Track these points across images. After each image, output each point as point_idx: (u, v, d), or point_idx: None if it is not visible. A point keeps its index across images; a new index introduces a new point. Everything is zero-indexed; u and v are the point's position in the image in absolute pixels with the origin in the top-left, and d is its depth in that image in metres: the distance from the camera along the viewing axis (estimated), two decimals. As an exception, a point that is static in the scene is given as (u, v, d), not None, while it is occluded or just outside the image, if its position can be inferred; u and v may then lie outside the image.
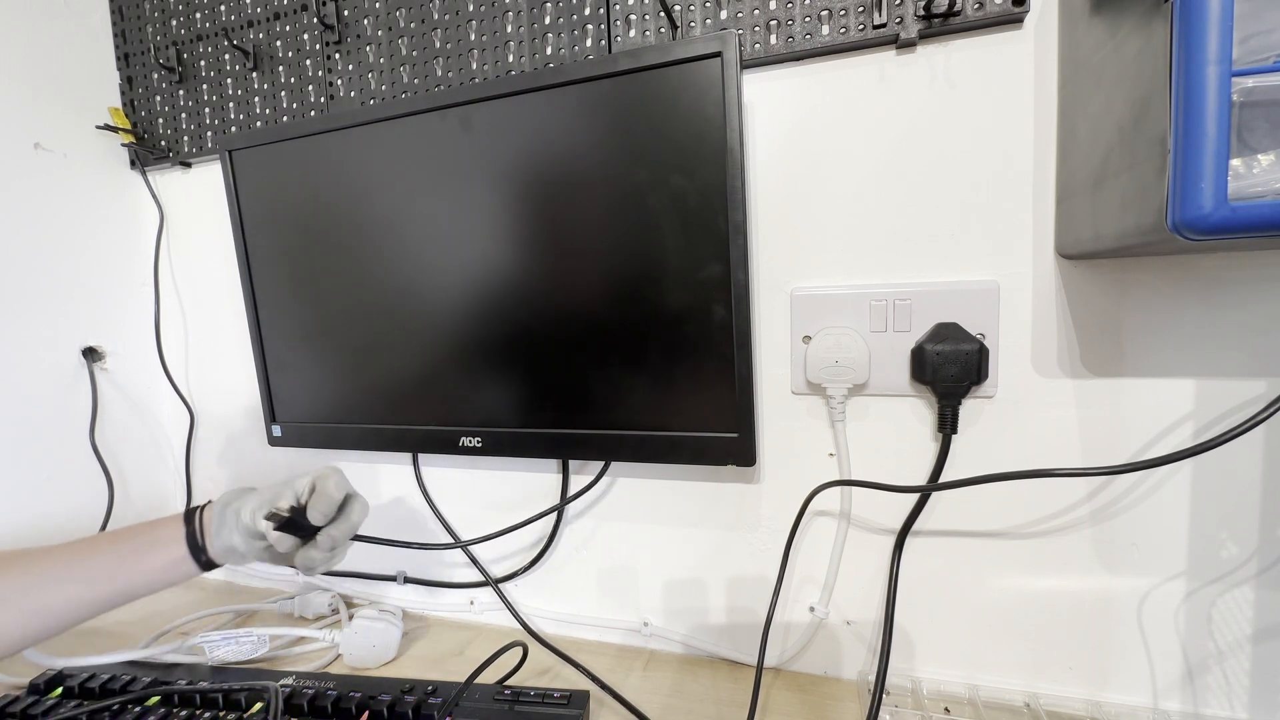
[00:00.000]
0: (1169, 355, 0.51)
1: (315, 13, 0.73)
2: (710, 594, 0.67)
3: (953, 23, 0.52)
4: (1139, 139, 0.38)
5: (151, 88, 0.84)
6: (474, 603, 0.76)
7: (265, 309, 0.72)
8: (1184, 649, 0.53)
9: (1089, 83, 0.46)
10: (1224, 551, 0.51)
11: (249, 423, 0.86)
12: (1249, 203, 0.32)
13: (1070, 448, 0.54)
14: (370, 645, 0.67)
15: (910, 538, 0.59)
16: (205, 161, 0.83)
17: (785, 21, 0.56)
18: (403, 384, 0.67)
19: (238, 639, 0.68)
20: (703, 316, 0.55)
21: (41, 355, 0.77)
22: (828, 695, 0.60)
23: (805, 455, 0.61)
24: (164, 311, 0.88)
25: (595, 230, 0.57)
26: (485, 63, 0.67)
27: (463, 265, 0.62)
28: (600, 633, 0.72)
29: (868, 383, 0.57)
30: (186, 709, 0.56)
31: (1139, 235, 0.39)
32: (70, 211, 0.80)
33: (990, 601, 0.58)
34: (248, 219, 0.71)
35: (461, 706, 0.56)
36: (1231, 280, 0.48)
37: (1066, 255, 0.52)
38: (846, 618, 0.62)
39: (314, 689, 0.58)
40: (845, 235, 0.58)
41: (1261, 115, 0.32)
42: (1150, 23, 0.36)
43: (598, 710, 0.59)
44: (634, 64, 0.53)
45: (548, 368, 0.61)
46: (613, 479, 0.69)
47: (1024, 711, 0.55)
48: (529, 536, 0.74)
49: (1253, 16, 0.32)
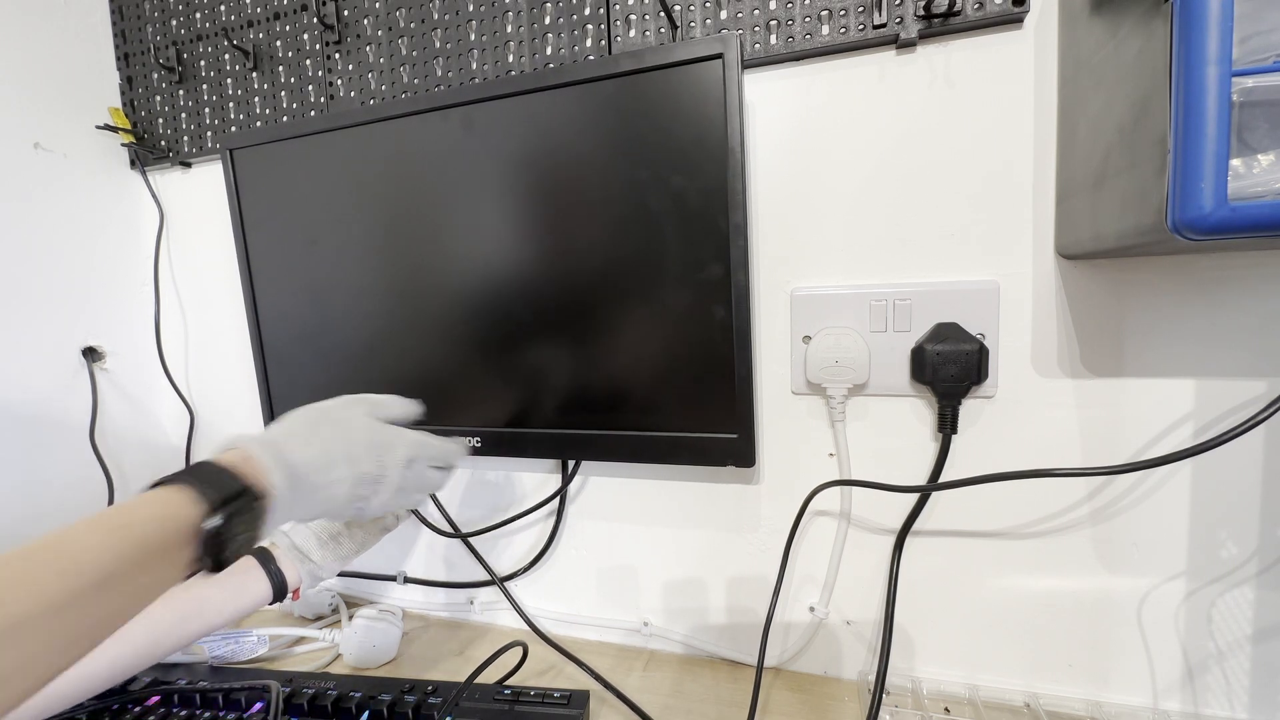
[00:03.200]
0: (1169, 355, 0.51)
1: (315, 13, 0.73)
2: (710, 594, 0.67)
3: (953, 23, 0.52)
4: (1139, 139, 0.38)
5: (151, 88, 0.84)
6: (474, 602, 0.76)
7: (265, 309, 0.72)
8: (1184, 649, 0.53)
9: (1089, 83, 0.46)
10: (1224, 551, 0.51)
11: (249, 423, 0.86)
12: (1249, 203, 0.32)
13: (1070, 448, 0.54)
14: (370, 645, 0.67)
15: (910, 538, 0.59)
16: (205, 161, 0.83)
17: (785, 21, 0.56)
18: (402, 384, 0.67)
19: (238, 639, 0.68)
20: (703, 317, 0.55)
21: (41, 355, 0.77)
22: (828, 695, 0.60)
23: (805, 455, 0.62)
24: (164, 311, 0.88)
25: (595, 231, 0.57)
26: (485, 63, 0.67)
27: (463, 265, 0.62)
28: (600, 633, 0.72)
29: (868, 383, 0.57)
30: (186, 709, 0.56)
31: (1139, 235, 0.39)
32: (70, 211, 0.80)
33: (990, 601, 0.58)
34: (248, 218, 0.71)
35: (461, 706, 0.56)
36: (1231, 280, 0.48)
37: (1066, 255, 0.52)
38: (846, 617, 0.62)
39: (314, 689, 0.58)
40: (845, 235, 0.58)
41: (1261, 115, 0.32)
42: (1150, 23, 0.36)
43: (598, 710, 0.59)
44: (635, 65, 0.53)
45: (547, 368, 0.61)
46: (612, 479, 0.69)
47: (1024, 711, 0.55)
48: (529, 537, 0.74)
49: (1253, 16, 0.32)
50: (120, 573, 0.30)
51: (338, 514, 0.46)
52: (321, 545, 0.57)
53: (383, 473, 0.46)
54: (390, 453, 0.46)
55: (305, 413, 0.46)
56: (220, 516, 0.34)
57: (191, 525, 0.34)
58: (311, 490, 0.41)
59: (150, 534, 0.32)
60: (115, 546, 0.31)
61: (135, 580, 0.31)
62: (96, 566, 0.30)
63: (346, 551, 0.58)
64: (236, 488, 0.36)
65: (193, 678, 0.61)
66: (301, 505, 0.41)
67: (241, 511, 0.36)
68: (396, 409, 0.51)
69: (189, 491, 0.34)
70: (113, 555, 0.30)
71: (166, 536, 0.33)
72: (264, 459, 0.38)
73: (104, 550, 0.30)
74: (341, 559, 0.58)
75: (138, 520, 0.32)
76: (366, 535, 0.59)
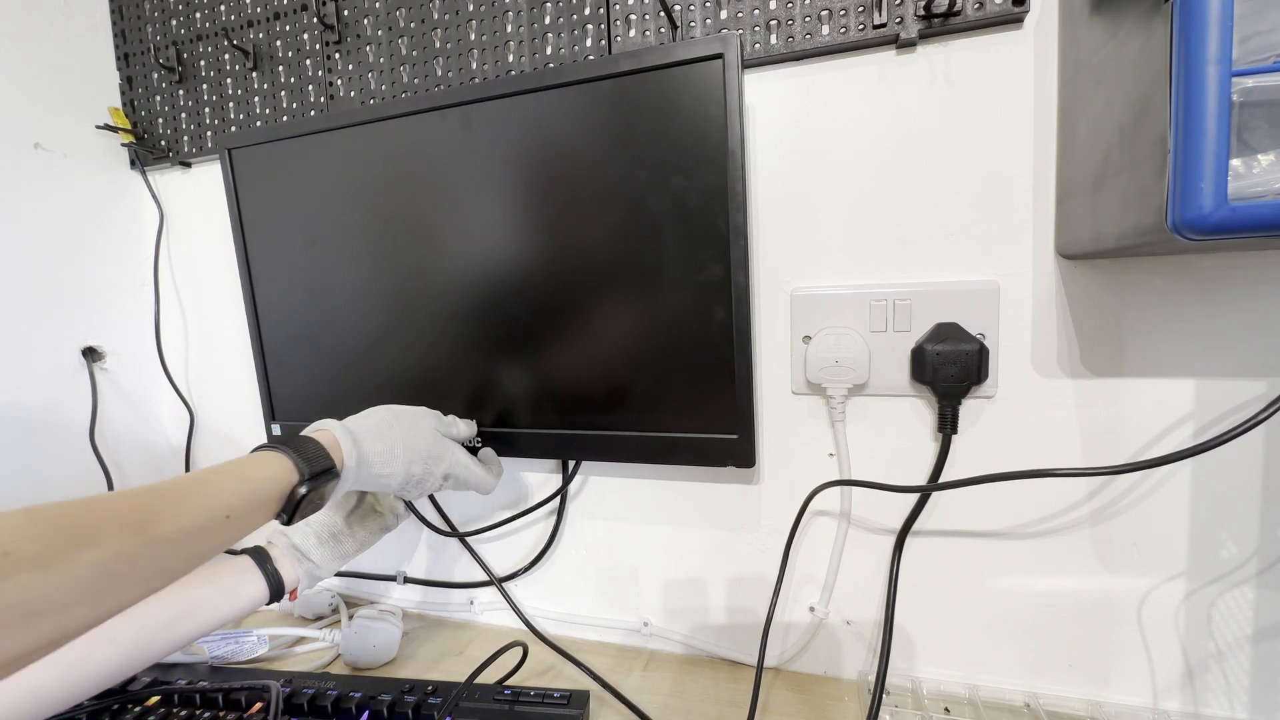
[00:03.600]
0: (1169, 355, 0.51)
1: (315, 13, 0.73)
2: (710, 594, 0.67)
3: (953, 23, 0.52)
4: (1139, 139, 0.38)
5: (151, 88, 0.84)
6: (474, 602, 0.76)
7: (265, 309, 0.72)
8: (1184, 649, 0.53)
9: (1089, 83, 0.46)
10: (1224, 551, 0.51)
11: (249, 422, 0.86)
12: (1249, 203, 0.32)
13: (1070, 448, 0.54)
14: (370, 645, 0.67)
15: (910, 538, 0.59)
16: (205, 161, 0.83)
17: (785, 21, 0.56)
18: (401, 383, 0.67)
19: (237, 639, 0.68)
20: (702, 318, 0.55)
21: (41, 355, 0.77)
22: (828, 695, 0.60)
23: (805, 455, 0.62)
24: (164, 311, 0.88)
25: (595, 231, 0.57)
26: (485, 62, 0.67)
27: (463, 265, 0.62)
28: (600, 633, 0.72)
29: (868, 383, 0.57)
30: (186, 709, 0.56)
31: (1139, 235, 0.39)
32: (70, 211, 0.80)
33: (990, 601, 0.58)
34: (248, 218, 0.71)
35: (461, 707, 0.56)
36: (1231, 280, 0.48)
37: (1066, 255, 0.52)
38: (846, 618, 0.62)
39: (314, 689, 0.58)
40: (845, 235, 0.58)
41: (1261, 115, 0.32)
42: (1150, 23, 0.36)
43: (598, 711, 0.59)
44: (636, 65, 0.53)
45: (547, 368, 0.61)
46: (612, 479, 0.69)
47: (1024, 711, 0.55)
48: (529, 537, 0.74)
49: (1253, 16, 0.32)
50: (238, 512, 0.39)
51: (374, 489, 0.54)
52: (321, 544, 0.57)
53: (426, 478, 0.54)
54: (438, 465, 0.55)
55: (383, 413, 0.55)
56: (308, 485, 0.44)
57: (289, 486, 0.43)
58: (370, 475, 0.50)
59: (263, 488, 0.42)
60: (242, 492, 0.40)
61: (243, 520, 0.40)
62: (225, 506, 0.38)
63: (347, 550, 0.58)
64: (326, 464, 0.46)
65: (193, 678, 0.61)
66: (358, 483, 0.50)
67: (322, 483, 0.45)
68: (460, 428, 0.61)
69: (293, 460, 0.44)
70: (239, 499, 0.40)
71: (272, 491, 0.42)
72: (347, 445, 0.48)
73: (234, 495, 0.40)
74: (341, 558, 0.58)
75: (257, 476, 0.42)
76: (367, 534, 0.59)
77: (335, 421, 0.51)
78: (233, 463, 0.43)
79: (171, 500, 0.36)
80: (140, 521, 0.33)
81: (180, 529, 0.35)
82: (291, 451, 0.45)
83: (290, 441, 0.46)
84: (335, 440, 0.48)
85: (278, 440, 0.46)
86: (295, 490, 0.43)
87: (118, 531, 0.32)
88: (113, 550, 0.31)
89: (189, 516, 0.36)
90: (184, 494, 0.37)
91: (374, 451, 0.50)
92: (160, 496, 0.36)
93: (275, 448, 0.45)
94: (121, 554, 0.32)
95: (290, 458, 0.44)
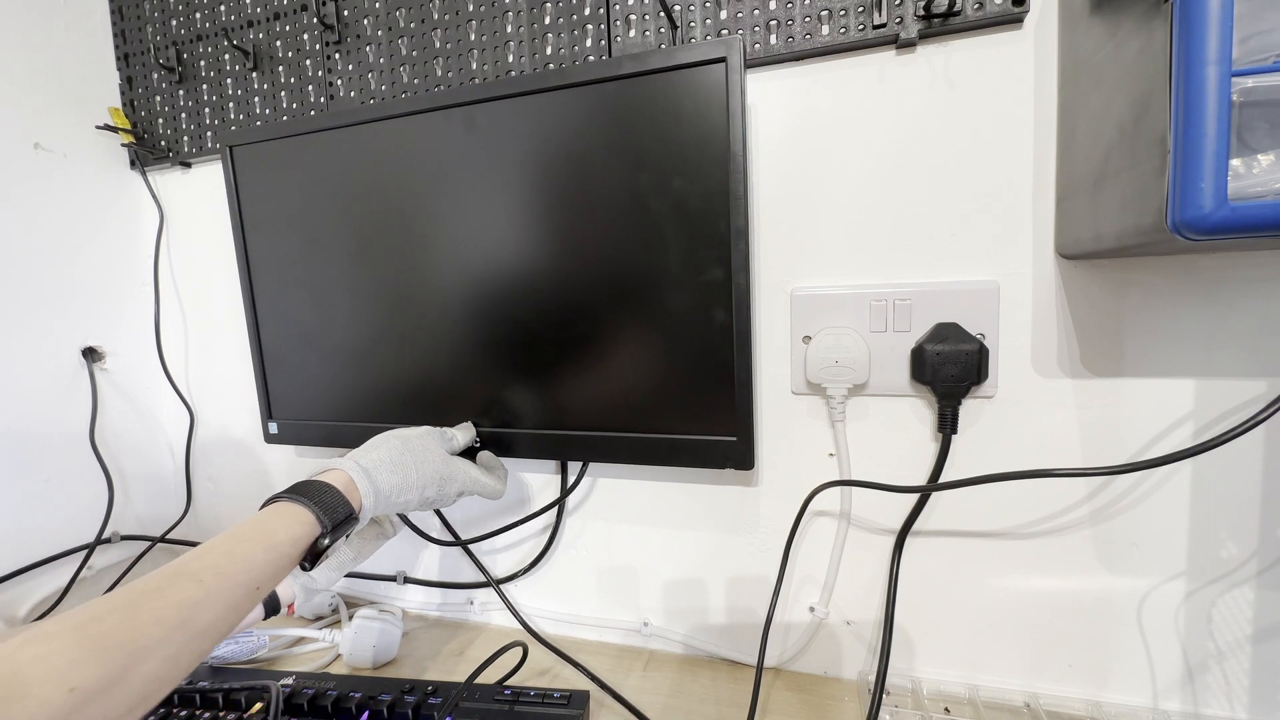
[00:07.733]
0: (1169, 355, 0.51)
1: (315, 13, 0.73)
2: (710, 594, 0.67)
3: (953, 23, 0.52)
4: (1139, 139, 0.38)
5: (151, 88, 0.84)
6: (474, 603, 0.76)
7: (265, 309, 0.72)
8: (1184, 649, 0.53)
9: (1089, 83, 0.46)
10: (1224, 551, 0.51)
11: (249, 422, 0.86)
12: (1249, 203, 0.32)
13: (1070, 448, 0.54)
14: (370, 645, 0.67)
15: (910, 538, 0.59)
16: (205, 161, 0.83)
17: (785, 21, 0.56)
18: (401, 383, 0.67)
19: (238, 639, 0.68)
20: (703, 320, 0.55)
21: (41, 355, 0.77)
22: (828, 695, 0.60)
23: (805, 455, 0.61)
24: (164, 311, 0.88)
25: (596, 232, 0.57)
26: (485, 63, 0.67)
27: (463, 265, 0.62)
28: (600, 633, 0.72)
29: (868, 383, 0.57)
30: (186, 709, 0.56)
31: (1139, 235, 0.39)
32: (70, 212, 0.80)
33: (990, 601, 0.58)
34: (248, 217, 0.71)
35: (461, 707, 0.56)
36: (1231, 280, 0.48)
37: (1066, 255, 0.52)
38: (846, 618, 0.62)
39: (314, 689, 0.58)
40: (845, 235, 0.58)
41: (1261, 115, 0.32)
42: (1150, 23, 0.36)
43: (598, 710, 0.59)
44: (639, 68, 0.53)
45: (547, 369, 0.61)
46: (612, 480, 0.69)
47: (1024, 711, 0.55)
48: (529, 538, 0.74)
49: (1253, 16, 0.32)
50: (267, 581, 0.41)
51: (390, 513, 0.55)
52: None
53: (440, 498, 0.56)
54: (450, 485, 0.56)
55: (390, 442, 0.55)
56: (330, 536, 0.45)
57: (310, 540, 0.44)
58: (388, 506, 0.51)
59: (290, 552, 0.43)
60: (273, 562, 0.41)
61: (270, 585, 0.41)
62: (256, 579, 0.40)
63: (344, 562, 0.57)
64: (345, 512, 0.47)
65: (193, 678, 0.61)
66: (375, 515, 0.52)
67: (343, 532, 0.47)
68: (462, 439, 0.62)
69: (315, 514, 0.45)
70: (269, 569, 0.41)
71: (296, 550, 0.43)
72: (363, 485, 0.49)
73: (264, 565, 0.40)
74: (338, 570, 0.57)
75: (284, 541, 0.42)
76: (364, 545, 0.59)
77: (349, 460, 0.51)
78: (258, 526, 0.42)
79: (208, 587, 0.37)
80: (182, 619, 0.35)
81: (217, 615, 0.37)
82: (312, 504, 0.45)
83: (308, 490, 0.46)
84: (350, 481, 0.49)
85: (296, 491, 0.46)
86: (318, 542, 0.44)
87: (164, 635, 0.33)
88: (162, 656, 0.33)
89: (224, 598, 0.37)
90: (219, 575, 0.38)
91: (389, 485, 0.51)
92: (196, 583, 0.36)
93: (294, 499, 0.45)
94: (170, 657, 0.34)
95: (312, 511, 0.44)
